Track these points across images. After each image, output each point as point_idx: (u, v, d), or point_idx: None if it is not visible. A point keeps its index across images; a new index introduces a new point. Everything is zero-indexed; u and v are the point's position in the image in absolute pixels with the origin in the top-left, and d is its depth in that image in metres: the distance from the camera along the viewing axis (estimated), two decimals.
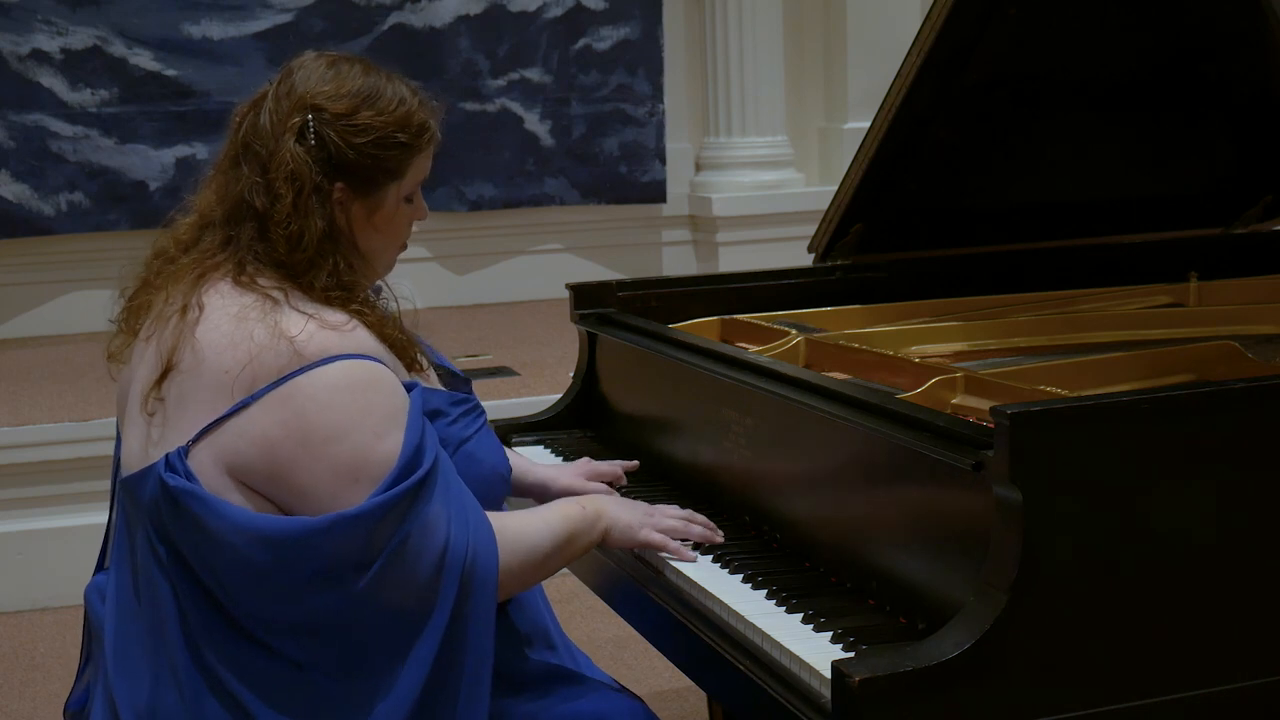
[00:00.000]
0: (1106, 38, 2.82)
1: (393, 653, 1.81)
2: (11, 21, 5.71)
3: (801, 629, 1.86)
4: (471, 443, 2.01)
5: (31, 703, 3.81)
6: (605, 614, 3.56)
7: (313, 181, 1.88)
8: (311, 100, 1.90)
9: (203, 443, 1.82)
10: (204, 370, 1.83)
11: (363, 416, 1.80)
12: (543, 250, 6.52)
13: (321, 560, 1.78)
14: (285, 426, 1.79)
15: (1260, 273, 3.02)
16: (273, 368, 1.81)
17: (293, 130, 1.89)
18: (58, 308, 5.97)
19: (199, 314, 1.86)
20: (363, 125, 1.91)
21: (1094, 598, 1.69)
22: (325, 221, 1.90)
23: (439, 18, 6.16)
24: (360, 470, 1.79)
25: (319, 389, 1.80)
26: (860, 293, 2.97)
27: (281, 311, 1.84)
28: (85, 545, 4.37)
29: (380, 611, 1.80)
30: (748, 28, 6.32)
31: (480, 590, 1.84)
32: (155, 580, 1.83)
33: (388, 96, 1.94)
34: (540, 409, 2.89)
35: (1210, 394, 1.83)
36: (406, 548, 1.79)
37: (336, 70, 1.94)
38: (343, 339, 1.84)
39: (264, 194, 1.89)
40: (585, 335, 2.87)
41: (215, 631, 1.81)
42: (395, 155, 1.95)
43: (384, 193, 1.96)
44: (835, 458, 2.06)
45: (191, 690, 1.81)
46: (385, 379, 1.85)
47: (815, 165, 6.71)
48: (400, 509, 1.79)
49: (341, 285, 1.91)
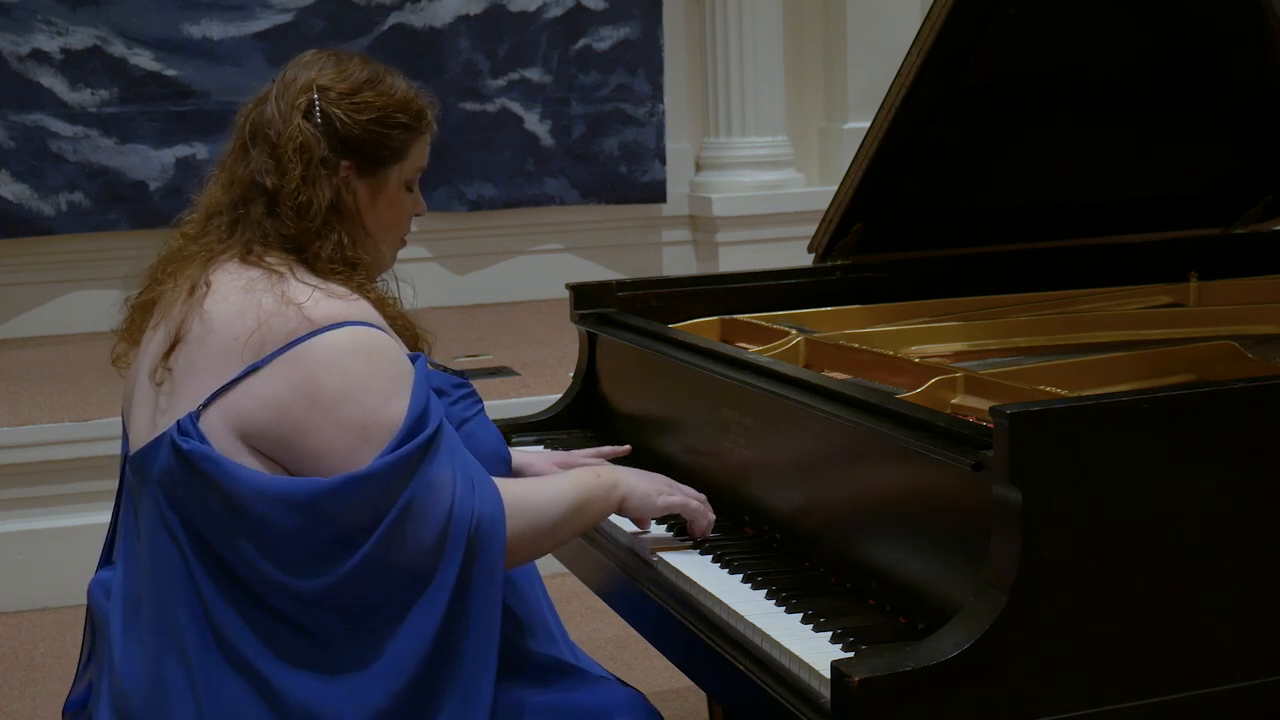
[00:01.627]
0: (1107, 38, 2.82)
1: (400, 614, 1.85)
2: (11, 21, 5.71)
3: (801, 629, 1.86)
4: (472, 423, 2.06)
5: (31, 703, 3.81)
6: (605, 614, 3.56)
7: (320, 154, 1.97)
8: (317, 81, 2.00)
9: (213, 407, 1.86)
10: (213, 338, 1.89)
11: (370, 380, 1.86)
12: (543, 250, 6.52)
13: (332, 520, 1.82)
14: (295, 389, 1.85)
15: (1260, 273, 3.02)
16: (281, 333, 1.87)
17: (299, 109, 1.98)
18: (58, 308, 5.97)
19: (207, 290, 1.93)
20: (366, 103, 2.01)
21: (1094, 598, 1.69)
22: (332, 193, 1.98)
23: (439, 18, 6.16)
24: (369, 431, 1.84)
25: (327, 352, 1.86)
26: (860, 293, 2.97)
27: (288, 283, 1.91)
28: (85, 545, 4.36)
29: (388, 573, 1.83)
30: (748, 28, 6.31)
31: (486, 552, 1.88)
32: (164, 552, 1.87)
33: (388, 82, 2.05)
34: (540, 409, 2.89)
35: (1210, 394, 1.83)
36: (413, 508, 1.83)
37: (338, 59, 2.04)
38: (349, 306, 1.91)
39: (274, 172, 1.96)
40: (585, 335, 2.87)
41: (226, 596, 1.85)
42: (397, 135, 2.03)
43: (387, 173, 2.04)
44: (835, 458, 2.06)
45: (200, 661, 1.84)
46: (390, 346, 1.92)
47: (815, 165, 6.71)
48: (408, 469, 1.83)
49: (346, 260, 1.98)
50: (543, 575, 2.17)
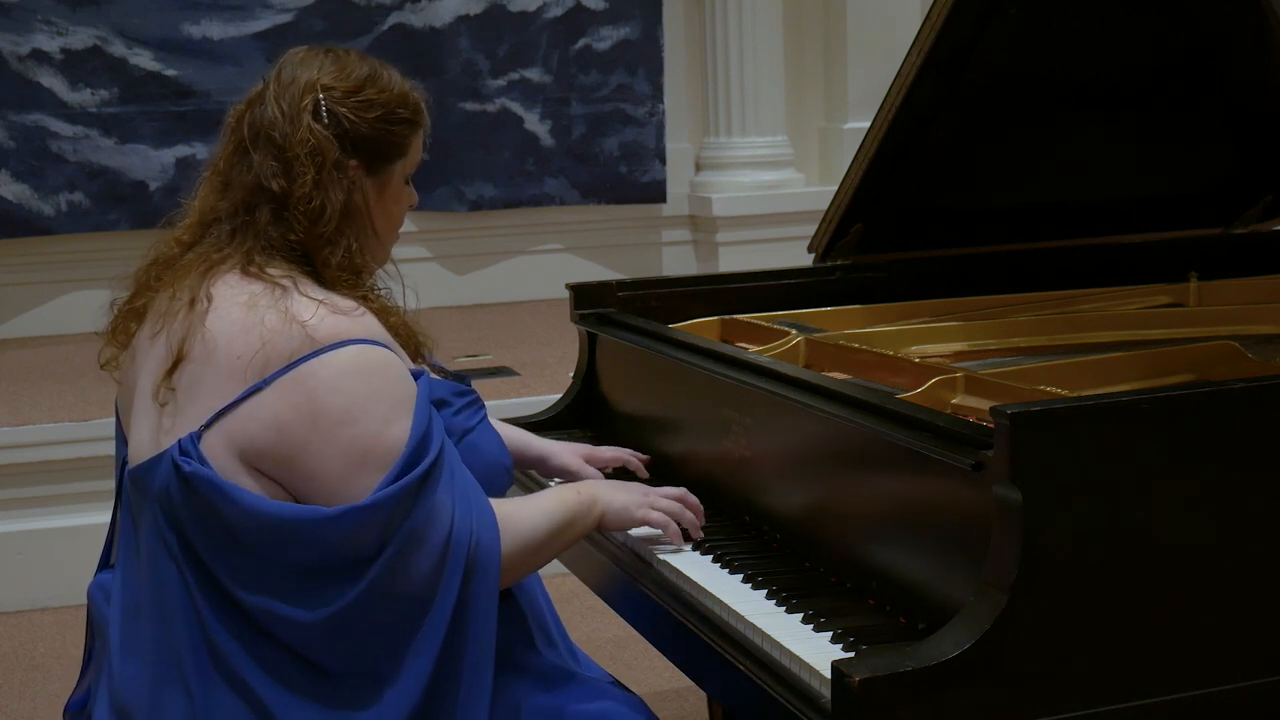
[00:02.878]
0: (1106, 37, 2.82)
1: (400, 641, 1.83)
2: (11, 21, 5.71)
3: (801, 629, 1.86)
4: (475, 433, 2.04)
5: (31, 703, 3.81)
6: (605, 614, 3.56)
7: (333, 157, 1.94)
8: (320, 81, 1.97)
9: (215, 428, 1.83)
10: (216, 358, 1.85)
11: (373, 401, 1.84)
12: (543, 250, 6.52)
13: (331, 549, 1.80)
14: (297, 410, 1.82)
15: (1260, 273, 3.02)
16: (285, 351, 1.83)
17: (307, 110, 1.94)
18: (58, 308, 5.96)
19: (208, 305, 1.88)
20: (370, 100, 1.99)
21: (1094, 598, 1.69)
22: (344, 196, 1.96)
23: (439, 18, 6.16)
24: (369, 455, 1.82)
25: (330, 373, 1.83)
26: (860, 293, 2.97)
27: (291, 298, 1.87)
28: (85, 545, 4.36)
29: (387, 600, 1.82)
30: (748, 28, 6.31)
31: (483, 576, 1.87)
32: (163, 570, 1.85)
33: (386, 77, 2.03)
34: (540, 409, 2.89)
35: (1210, 394, 1.83)
36: (414, 537, 1.82)
37: (334, 56, 2.01)
38: (353, 324, 1.88)
39: (282, 175, 1.93)
40: (585, 335, 2.87)
41: (224, 619, 1.83)
42: (401, 131, 2.02)
43: (391, 170, 2.03)
44: (835, 458, 2.06)
45: (200, 683, 1.82)
46: (394, 365, 1.89)
47: (815, 165, 6.70)
48: (409, 500, 1.81)
49: (353, 267, 1.96)
50: (543, 575, 2.17)
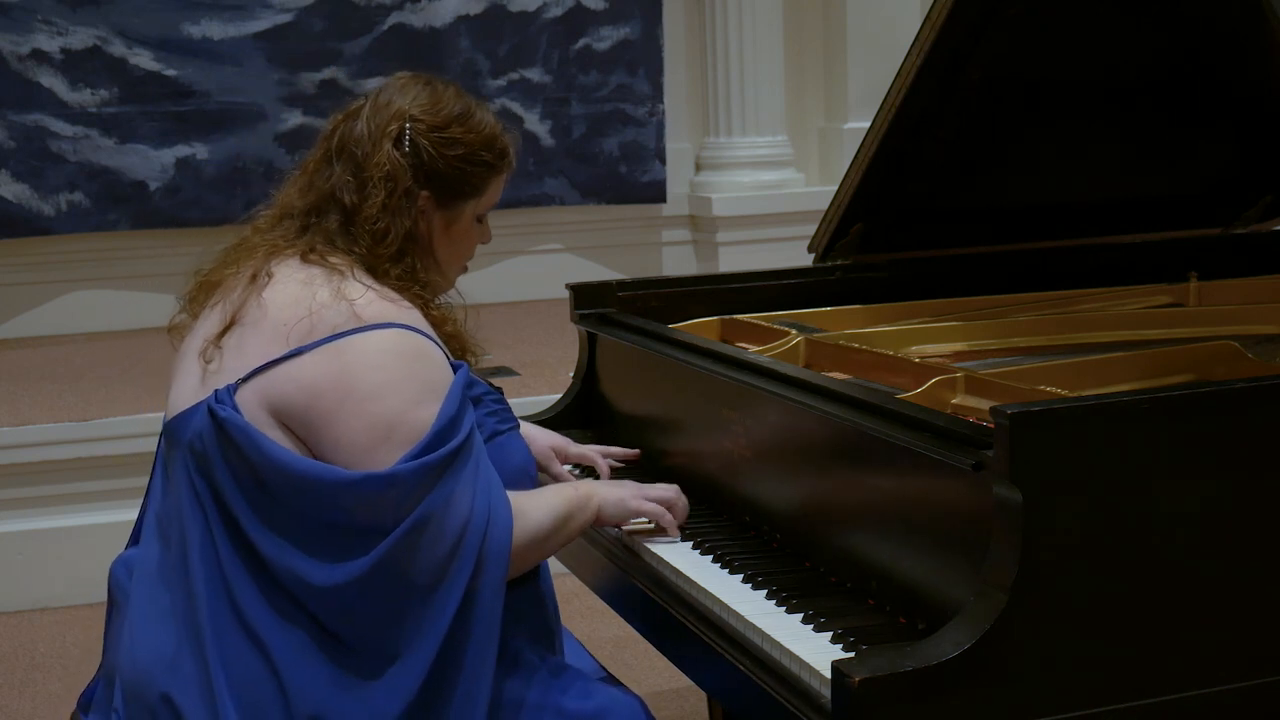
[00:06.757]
0: (1106, 38, 2.82)
1: (407, 625, 1.86)
2: (11, 21, 5.71)
3: (801, 629, 1.86)
4: (505, 435, 2.10)
5: (31, 703, 3.81)
6: (605, 614, 3.56)
7: (405, 185, 2.02)
8: (410, 111, 2.05)
9: (251, 383, 1.92)
10: (264, 323, 1.95)
11: (405, 382, 1.91)
12: (543, 250, 6.52)
13: (348, 513, 1.85)
14: (332, 378, 1.89)
15: (1260, 273, 3.02)
16: (330, 324, 1.92)
17: (390, 136, 2.03)
18: (58, 308, 5.96)
19: (269, 280, 1.99)
20: (454, 139, 2.07)
21: (1094, 597, 1.69)
22: (410, 223, 2.04)
23: (439, 18, 6.15)
24: (393, 430, 1.88)
25: (370, 349, 1.91)
26: (860, 293, 2.97)
27: (346, 280, 1.97)
28: (85, 545, 4.38)
29: (397, 581, 1.85)
30: (748, 28, 6.31)
31: (493, 568, 1.91)
32: (190, 519, 1.90)
33: (478, 117, 2.11)
34: (540, 409, 2.90)
35: (1210, 394, 1.83)
36: (430, 519, 1.86)
37: (432, 89, 2.10)
38: (400, 311, 1.97)
39: (355, 191, 2.02)
40: (585, 335, 2.87)
41: (245, 569, 1.88)
42: (479, 172, 2.10)
43: (463, 207, 2.11)
44: (835, 458, 2.06)
45: (215, 637, 1.86)
46: (434, 353, 1.96)
47: (815, 165, 6.70)
48: (430, 478, 1.86)
49: (416, 279, 2.04)
50: None
